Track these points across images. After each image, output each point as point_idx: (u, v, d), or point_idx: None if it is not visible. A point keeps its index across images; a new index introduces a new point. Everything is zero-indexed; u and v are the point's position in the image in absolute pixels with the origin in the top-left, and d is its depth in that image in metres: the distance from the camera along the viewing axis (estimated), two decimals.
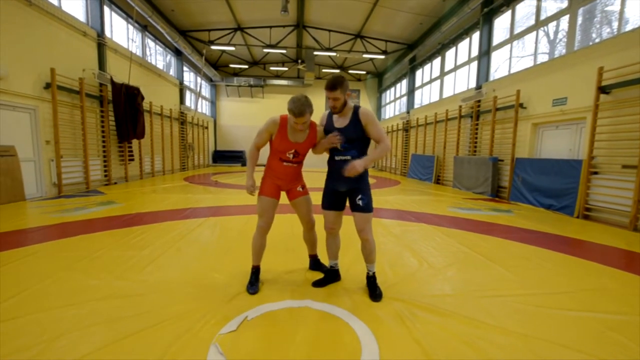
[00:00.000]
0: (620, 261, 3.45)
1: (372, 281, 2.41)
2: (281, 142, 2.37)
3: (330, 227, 2.51)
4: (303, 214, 2.62)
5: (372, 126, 2.32)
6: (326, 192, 2.49)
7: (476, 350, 1.75)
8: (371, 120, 2.31)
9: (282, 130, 2.36)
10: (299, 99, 2.21)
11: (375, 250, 2.42)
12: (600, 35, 6.18)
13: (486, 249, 3.60)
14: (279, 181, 2.49)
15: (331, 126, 2.39)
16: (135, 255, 3.12)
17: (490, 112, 8.53)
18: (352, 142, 2.32)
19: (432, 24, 11.73)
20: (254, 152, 2.47)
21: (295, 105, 2.19)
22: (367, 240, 2.36)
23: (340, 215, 2.51)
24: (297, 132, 2.36)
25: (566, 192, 5.96)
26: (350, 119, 2.33)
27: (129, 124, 9.04)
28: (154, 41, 12.02)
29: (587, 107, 5.82)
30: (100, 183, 8.38)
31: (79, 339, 1.77)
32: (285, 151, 2.39)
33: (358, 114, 2.32)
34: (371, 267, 2.43)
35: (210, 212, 5.29)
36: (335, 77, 2.24)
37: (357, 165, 2.17)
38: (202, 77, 17.01)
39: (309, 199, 2.61)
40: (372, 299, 2.32)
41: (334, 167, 2.38)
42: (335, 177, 2.37)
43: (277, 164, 2.45)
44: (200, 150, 16.55)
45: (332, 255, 2.61)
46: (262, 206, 2.46)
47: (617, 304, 2.36)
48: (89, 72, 7.86)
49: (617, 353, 1.76)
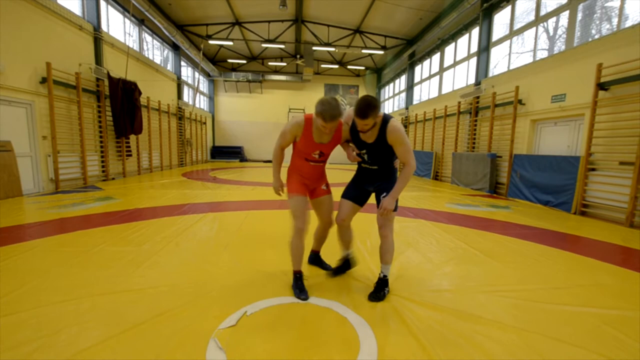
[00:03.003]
0: (617, 257, 3.48)
1: (381, 283, 2.31)
2: (306, 144, 2.29)
3: (342, 219, 2.44)
4: (325, 213, 2.55)
5: (399, 146, 2.13)
6: (353, 184, 2.47)
7: (474, 345, 1.77)
8: (400, 140, 2.11)
9: (307, 132, 2.26)
10: (329, 102, 2.05)
11: (392, 251, 2.31)
12: (600, 31, 6.17)
13: (484, 245, 3.62)
14: (306, 180, 2.43)
15: (356, 134, 2.23)
16: (133, 251, 3.12)
17: (489, 108, 8.53)
18: (378, 157, 2.24)
19: (432, 20, 11.67)
20: (279, 152, 2.39)
21: (325, 109, 2.03)
22: (387, 238, 2.28)
23: (356, 210, 2.46)
24: (324, 133, 2.25)
25: (564, 189, 5.99)
26: (377, 137, 2.15)
27: (127, 119, 8.99)
28: (151, 35, 11.91)
29: (585, 104, 5.83)
30: (97, 179, 8.35)
31: (78, 333, 1.77)
32: (311, 152, 2.32)
33: (386, 132, 2.12)
34: (385, 268, 2.31)
35: (209, 208, 5.28)
36: (367, 103, 1.97)
37: (388, 205, 2.14)
38: (200, 72, 16.89)
39: (331, 198, 2.57)
40: (370, 298, 2.24)
41: (362, 172, 2.41)
42: (364, 179, 2.40)
43: (302, 164, 2.38)
44: (199, 146, 16.49)
45: (346, 245, 2.61)
46: (297, 206, 2.34)
47: (613, 299, 2.38)
48: (85, 66, 7.79)
49: (613, 348, 1.78)
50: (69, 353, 1.61)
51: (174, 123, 13.37)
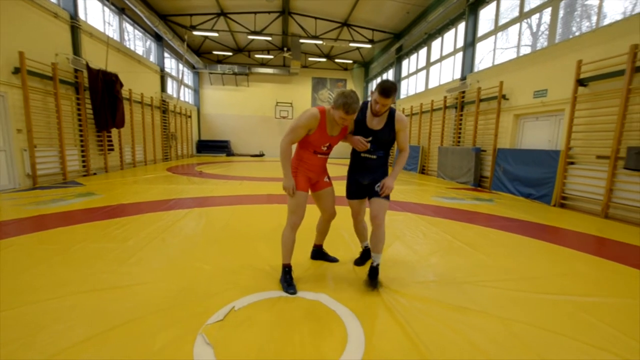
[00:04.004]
0: (592, 247, 3.64)
1: (374, 272, 2.39)
2: (320, 136, 2.29)
3: (356, 214, 2.66)
4: (328, 206, 2.58)
5: (403, 133, 2.38)
6: (349, 183, 2.59)
7: (458, 334, 1.82)
8: (405, 127, 2.36)
9: (322, 124, 2.26)
10: (351, 95, 2.08)
11: (384, 241, 2.39)
12: (580, 28, 6.34)
13: (468, 237, 3.71)
14: (311, 173, 2.42)
15: (364, 123, 2.36)
16: (117, 247, 3.05)
17: (474, 103, 8.68)
18: (382, 144, 2.37)
19: (419, 14, 11.71)
20: (289, 149, 2.29)
21: (348, 102, 2.06)
22: (379, 227, 2.35)
23: (364, 203, 2.61)
24: (336, 125, 2.28)
25: (544, 182, 6.18)
26: (386, 122, 2.33)
27: (108, 112, 8.69)
28: (133, 25, 11.49)
29: (565, 99, 6.00)
30: (78, 174, 8.07)
31: (61, 332, 1.72)
32: (321, 145, 2.33)
33: (394, 118, 2.33)
34: (377, 257, 2.40)
35: (196, 203, 5.20)
36: (391, 84, 2.17)
37: (390, 184, 2.32)
38: (184, 64, 16.47)
39: (333, 190, 2.59)
40: (367, 284, 2.33)
41: (359, 163, 2.46)
42: (359, 171, 2.47)
43: (310, 156, 2.37)
44: (184, 140, 16.15)
45: (363, 238, 2.82)
46: (298, 201, 2.32)
47: (588, 287, 2.49)
48: (62, 56, 7.46)
49: (588, 333, 1.87)
50: (50, 352, 1.57)
51: (158, 116, 13.03)
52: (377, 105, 2.24)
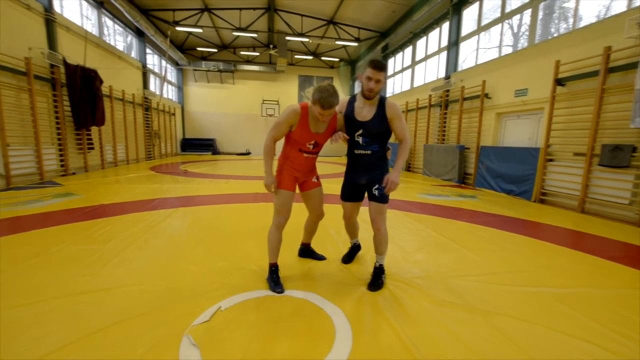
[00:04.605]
0: (569, 240, 3.78)
1: (377, 273, 2.38)
2: (302, 133, 2.21)
3: (348, 216, 2.59)
4: (315, 206, 2.55)
5: (397, 121, 2.21)
6: (346, 184, 2.48)
7: (443, 328, 1.86)
8: (398, 114, 2.19)
9: (304, 120, 2.18)
10: (327, 89, 2.01)
11: (386, 242, 2.37)
12: (558, 30, 6.55)
13: (453, 233, 3.79)
14: (297, 173, 2.36)
15: (352, 116, 2.24)
16: (99, 249, 2.96)
17: (458, 101, 8.84)
18: (375, 137, 2.24)
19: (404, 13, 11.81)
20: (271, 146, 2.25)
21: (323, 96, 1.99)
22: (379, 230, 2.32)
23: (358, 206, 2.55)
24: (319, 122, 2.20)
25: (525, 178, 6.38)
26: (376, 111, 2.19)
27: (87, 110, 8.39)
28: (113, 20, 11.12)
29: (545, 98, 6.20)
30: (56, 174, 7.77)
31: (39, 338, 1.66)
32: (306, 142, 2.25)
33: (385, 107, 2.19)
34: (380, 258, 2.39)
35: (180, 203, 5.10)
36: (380, 59, 2.13)
37: (395, 179, 2.17)
38: (168, 61, 16.07)
39: (322, 190, 2.55)
40: (369, 288, 2.30)
41: (353, 161, 2.36)
42: (355, 170, 2.37)
43: (296, 155, 2.30)
44: (167, 138, 15.78)
45: (353, 236, 2.81)
46: (282, 201, 2.29)
47: (566, 279, 2.59)
48: (36, 51, 7.14)
49: (564, 323, 1.94)
50: (30, 358, 1.51)
51: (140, 114, 12.68)
52: (370, 82, 2.10)
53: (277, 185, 2.31)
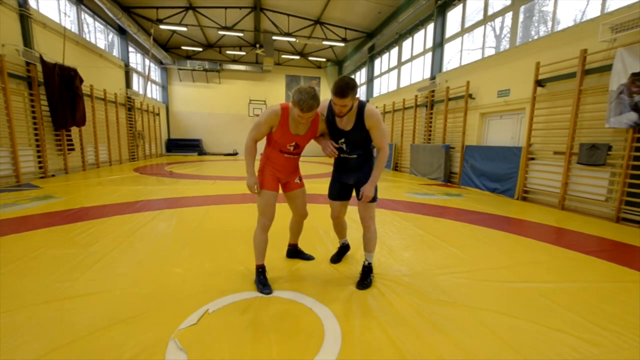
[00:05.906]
0: (550, 236, 3.90)
1: (366, 271, 2.40)
2: (282, 134, 2.19)
3: (336, 215, 2.60)
4: (299, 207, 2.55)
5: (376, 130, 2.16)
6: (333, 183, 2.51)
7: (430, 323, 1.89)
8: (377, 124, 2.14)
9: (284, 121, 2.15)
10: (308, 92, 1.96)
11: (375, 240, 2.41)
12: (538, 32, 6.75)
13: (439, 231, 3.86)
14: (279, 174, 2.34)
15: (334, 122, 2.21)
16: (80, 253, 2.86)
17: (443, 102, 9.00)
18: (356, 145, 2.24)
19: (390, 14, 11.93)
20: (252, 146, 2.24)
21: (302, 98, 1.94)
22: (369, 228, 2.37)
23: (345, 205, 2.57)
24: (300, 124, 2.17)
25: (508, 177, 6.55)
26: (355, 122, 2.15)
27: (67, 110, 8.11)
28: (93, 17, 10.80)
29: (526, 99, 6.38)
30: (34, 176, 7.48)
31: (17, 347, 1.59)
32: (286, 143, 2.23)
33: (363, 116, 2.13)
34: (369, 256, 2.42)
35: (166, 204, 5.00)
36: (346, 82, 1.97)
37: (369, 192, 2.20)
38: (151, 59, 15.73)
39: (305, 191, 2.55)
40: (358, 287, 2.31)
41: (340, 162, 2.39)
42: (342, 171, 2.40)
43: (277, 156, 2.29)
44: (152, 139, 15.44)
45: (342, 236, 2.82)
46: (265, 201, 2.27)
47: (547, 274, 2.68)
48: (10, 48, 6.86)
49: (547, 316, 2.01)
50: None
51: (123, 114, 12.35)
52: (336, 107, 2.06)
53: (260, 186, 2.29)
